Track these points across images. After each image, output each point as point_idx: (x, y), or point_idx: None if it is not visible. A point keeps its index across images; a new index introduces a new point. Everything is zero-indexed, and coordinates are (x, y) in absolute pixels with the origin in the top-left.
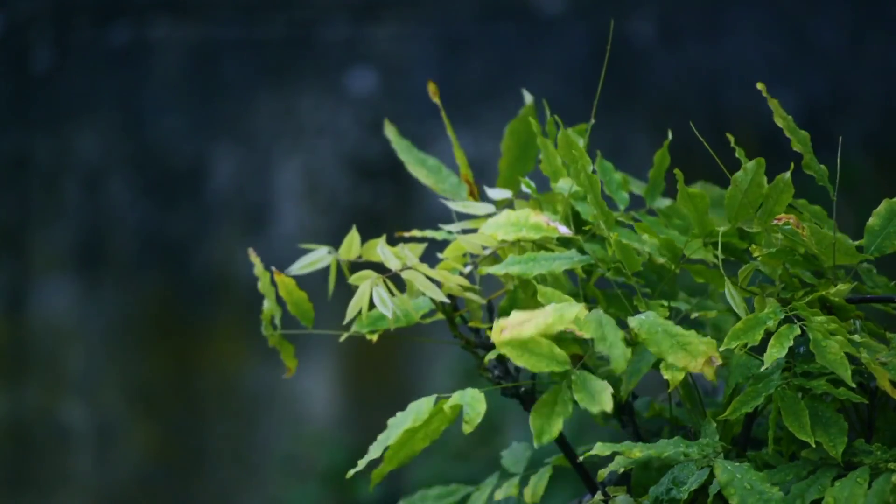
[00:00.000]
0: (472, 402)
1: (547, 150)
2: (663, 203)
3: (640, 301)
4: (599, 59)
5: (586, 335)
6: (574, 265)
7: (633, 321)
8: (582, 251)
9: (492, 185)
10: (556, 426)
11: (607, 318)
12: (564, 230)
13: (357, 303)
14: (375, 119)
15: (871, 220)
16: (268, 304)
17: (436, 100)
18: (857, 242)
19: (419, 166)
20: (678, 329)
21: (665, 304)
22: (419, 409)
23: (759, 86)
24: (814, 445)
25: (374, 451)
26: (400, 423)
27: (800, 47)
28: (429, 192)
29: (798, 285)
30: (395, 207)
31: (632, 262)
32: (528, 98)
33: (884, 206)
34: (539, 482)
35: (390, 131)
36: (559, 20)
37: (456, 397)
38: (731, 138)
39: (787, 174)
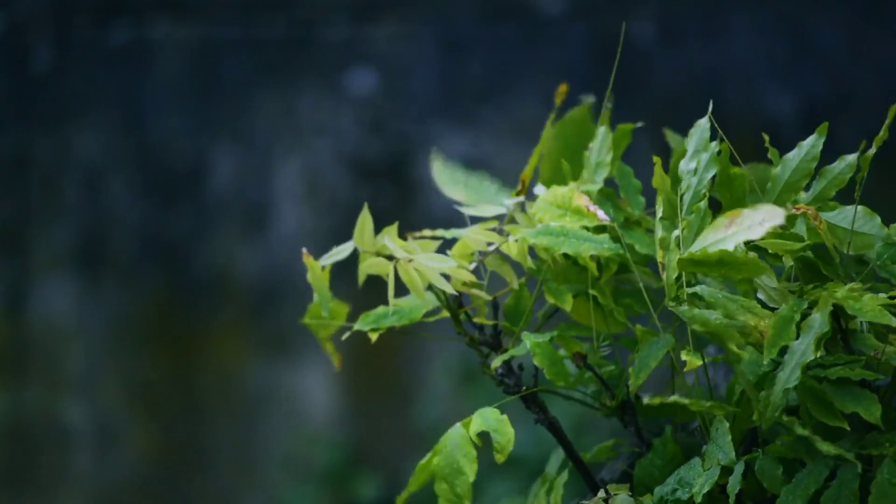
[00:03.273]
0: (498, 428)
1: (606, 138)
2: None
3: (682, 293)
4: (599, 59)
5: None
6: (602, 252)
7: (698, 288)
8: (614, 241)
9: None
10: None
11: None
12: (603, 216)
13: (392, 288)
14: (375, 119)
15: (889, 230)
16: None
17: (558, 101)
18: (871, 250)
19: (454, 185)
20: (735, 296)
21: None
22: (465, 452)
23: None
24: (847, 427)
25: None
26: (458, 476)
27: (800, 47)
28: (429, 192)
29: (810, 280)
30: (396, 207)
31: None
32: (589, 100)
33: None
34: (558, 487)
35: (436, 164)
36: (559, 20)
37: (479, 422)
38: (766, 137)
39: (852, 155)
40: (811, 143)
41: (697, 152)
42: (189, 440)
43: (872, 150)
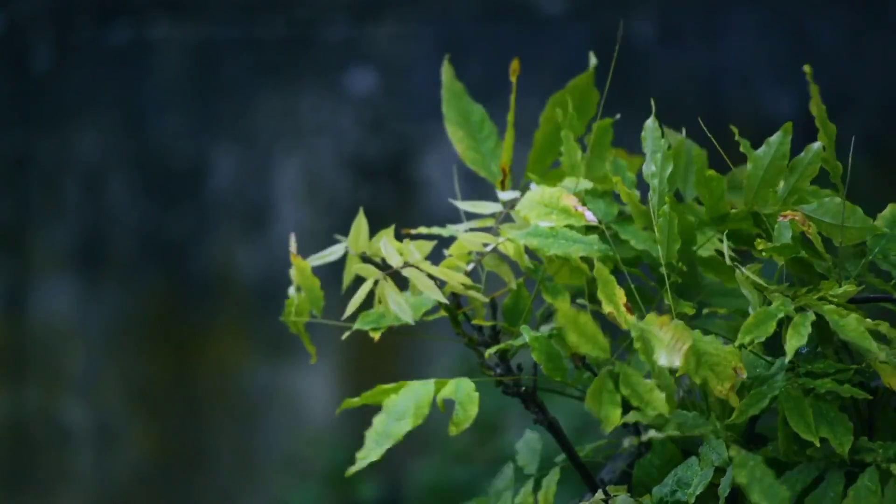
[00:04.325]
0: (465, 402)
1: (569, 143)
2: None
3: (667, 296)
4: (600, 58)
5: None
6: (592, 253)
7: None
8: (602, 241)
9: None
10: (616, 413)
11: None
12: (591, 217)
13: (357, 299)
14: (375, 119)
15: (876, 223)
16: (292, 291)
17: (513, 79)
18: (862, 240)
19: (459, 125)
20: (706, 346)
21: (692, 305)
22: (418, 404)
23: (806, 69)
24: (818, 445)
25: (375, 451)
26: (398, 418)
27: (800, 47)
28: (429, 192)
29: (803, 281)
30: (396, 207)
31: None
32: (593, 61)
33: (889, 210)
34: (549, 485)
35: (447, 71)
36: (559, 20)
37: (451, 387)
38: (735, 130)
39: (818, 144)
40: (779, 140)
41: (654, 153)
42: (189, 440)
43: (820, 145)
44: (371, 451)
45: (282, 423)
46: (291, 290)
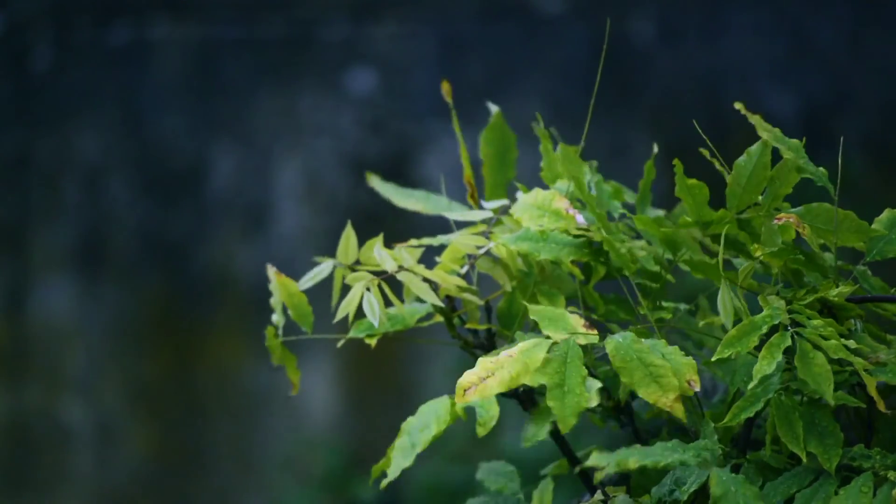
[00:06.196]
0: (485, 404)
1: (549, 156)
2: (654, 213)
3: (646, 304)
4: (599, 58)
5: (545, 381)
6: (581, 256)
7: (609, 344)
8: (591, 244)
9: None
10: (544, 430)
11: (573, 357)
12: (581, 220)
13: (347, 304)
14: (375, 119)
15: (874, 226)
16: (276, 317)
17: (448, 99)
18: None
19: (407, 199)
20: (654, 357)
21: (670, 309)
22: (438, 414)
23: (738, 105)
24: (804, 460)
25: (402, 461)
26: (421, 429)
27: (800, 47)
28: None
29: (797, 284)
30: (395, 207)
31: (626, 265)
32: (494, 109)
33: (886, 214)
34: (545, 494)
35: (374, 180)
36: (559, 20)
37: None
38: (706, 152)
39: (788, 160)
40: (758, 151)
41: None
42: (189, 440)
43: (792, 159)
44: (398, 464)
45: (281, 424)
46: (274, 318)
